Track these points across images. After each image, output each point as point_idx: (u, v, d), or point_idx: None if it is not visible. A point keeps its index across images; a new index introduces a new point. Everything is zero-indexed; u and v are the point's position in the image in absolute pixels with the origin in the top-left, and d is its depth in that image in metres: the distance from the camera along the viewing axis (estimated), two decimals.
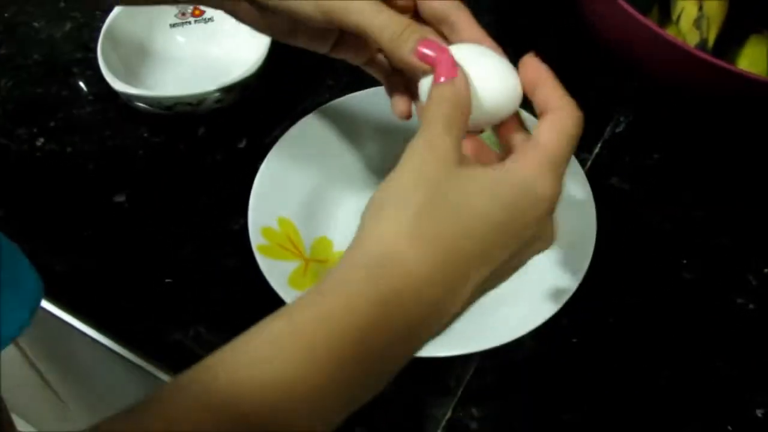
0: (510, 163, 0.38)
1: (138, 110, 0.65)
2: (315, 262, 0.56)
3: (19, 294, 0.48)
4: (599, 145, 0.64)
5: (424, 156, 0.37)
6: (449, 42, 0.44)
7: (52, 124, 0.67)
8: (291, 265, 0.54)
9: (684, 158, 0.64)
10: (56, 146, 0.65)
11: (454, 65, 0.40)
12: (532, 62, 0.41)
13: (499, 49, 0.43)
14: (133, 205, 0.61)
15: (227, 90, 0.63)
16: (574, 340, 0.54)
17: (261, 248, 0.54)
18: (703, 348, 0.54)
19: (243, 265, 0.57)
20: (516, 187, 0.37)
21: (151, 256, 0.59)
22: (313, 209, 0.59)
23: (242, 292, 0.56)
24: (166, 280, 0.57)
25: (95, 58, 0.65)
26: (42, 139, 0.66)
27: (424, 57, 0.41)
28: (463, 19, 0.44)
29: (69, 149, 0.65)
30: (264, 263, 0.53)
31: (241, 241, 0.58)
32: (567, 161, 0.38)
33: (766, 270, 0.58)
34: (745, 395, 0.52)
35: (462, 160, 0.38)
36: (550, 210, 0.38)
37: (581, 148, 0.61)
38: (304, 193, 0.59)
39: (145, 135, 0.66)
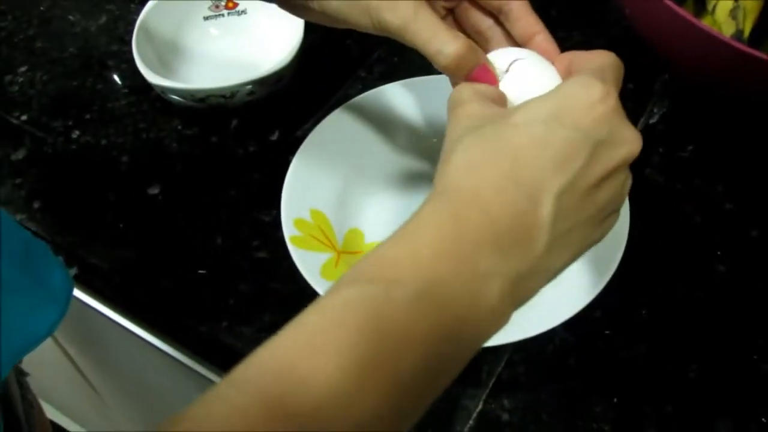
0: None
1: (172, 103, 0.65)
2: (347, 253, 0.56)
3: (49, 294, 0.48)
4: None
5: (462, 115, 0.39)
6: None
7: (87, 116, 0.68)
8: (323, 257, 0.54)
9: (717, 151, 0.63)
10: (91, 139, 0.66)
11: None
12: (563, 56, 0.42)
13: (553, 43, 0.43)
14: (167, 197, 0.62)
15: (259, 83, 0.63)
16: (607, 332, 0.54)
17: (294, 239, 0.54)
18: (737, 340, 0.54)
19: (274, 257, 0.58)
20: (562, 94, 0.37)
21: (184, 248, 0.59)
22: (345, 201, 0.59)
23: (274, 284, 0.57)
24: (200, 272, 0.58)
25: (130, 51, 0.66)
26: (77, 132, 0.67)
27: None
28: (519, 8, 0.44)
29: (104, 141, 0.66)
30: (297, 254, 0.53)
31: (273, 233, 0.59)
32: (613, 80, 0.38)
33: None
34: None
35: None
36: (607, 109, 0.36)
37: None
38: (336, 185, 0.59)
39: (179, 127, 0.66)
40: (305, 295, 0.52)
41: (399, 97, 0.61)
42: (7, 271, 0.45)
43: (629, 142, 0.37)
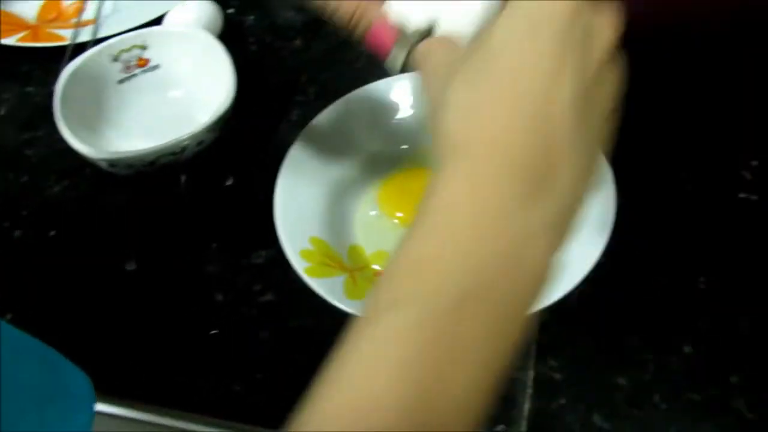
0: None
1: (113, 175, 0.63)
2: (357, 270, 0.56)
3: (72, 401, 0.46)
4: None
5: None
6: None
7: (24, 213, 0.64)
8: (339, 279, 0.54)
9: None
10: (36, 234, 0.63)
11: None
12: None
13: None
14: (146, 269, 0.60)
15: (209, 129, 0.62)
16: (617, 274, 0.56)
17: (309, 271, 0.53)
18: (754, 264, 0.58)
19: (282, 296, 0.57)
20: (520, 5, 0.34)
21: (186, 314, 0.57)
22: (334, 221, 0.59)
23: (293, 321, 0.56)
24: (212, 332, 0.56)
25: (46, 136, 0.63)
26: (19, 232, 0.63)
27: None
28: None
29: (52, 233, 0.63)
30: (317, 284, 0.53)
31: (271, 273, 0.58)
32: None
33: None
34: None
35: None
36: (572, 3, 0.33)
37: None
38: (322, 208, 0.59)
39: (130, 198, 0.64)
40: (326, 324, 0.52)
41: (353, 108, 0.62)
42: (31, 382, 0.43)
43: (609, 24, 0.34)
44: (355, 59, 0.71)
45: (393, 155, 0.63)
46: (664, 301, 0.56)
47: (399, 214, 0.60)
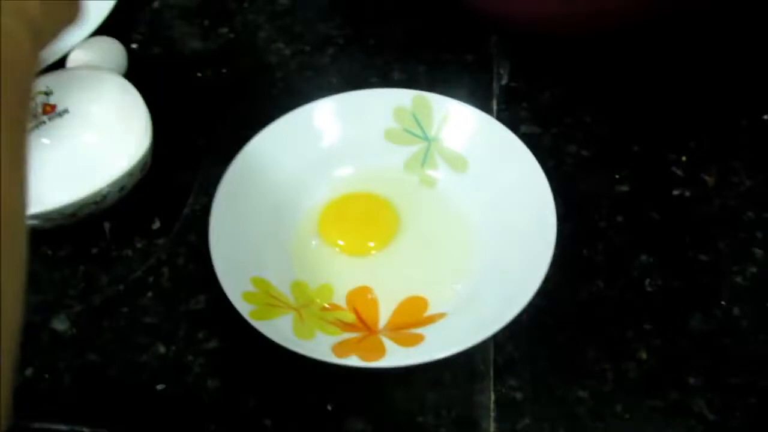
0: None
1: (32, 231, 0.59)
2: (303, 307, 0.54)
3: None
4: (494, 101, 0.66)
5: None
6: None
7: None
8: (287, 319, 0.52)
9: (572, 88, 0.68)
10: None
11: None
12: None
13: None
14: (81, 327, 0.56)
15: (130, 174, 0.59)
16: (566, 285, 0.56)
17: (254, 314, 0.51)
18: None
19: (227, 340, 0.55)
20: None
21: (128, 370, 0.54)
22: (273, 257, 0.57)
23: (238, 368, 0.54)
24: (158, 387, 0.53)
25: None
26: None
27: None
28: None
29: None
30: (263, 327, 0.50)
31: (213, 318, 0.55)
32: None
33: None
34: None
35: None
36: None
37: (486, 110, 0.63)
38: (260, 245, 0.57)
39: (49, 253, 0.60)
40: (276, 365, 0.52)
41: (282, 137, 0.60)
42: None
43: None
44: (271, 85, 0.69)
45: (325, 182, 0.61)
46: (614, 308, 0.56)
47: (340, 242, 0.58)
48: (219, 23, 0.74)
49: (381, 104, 0.61)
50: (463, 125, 0.60)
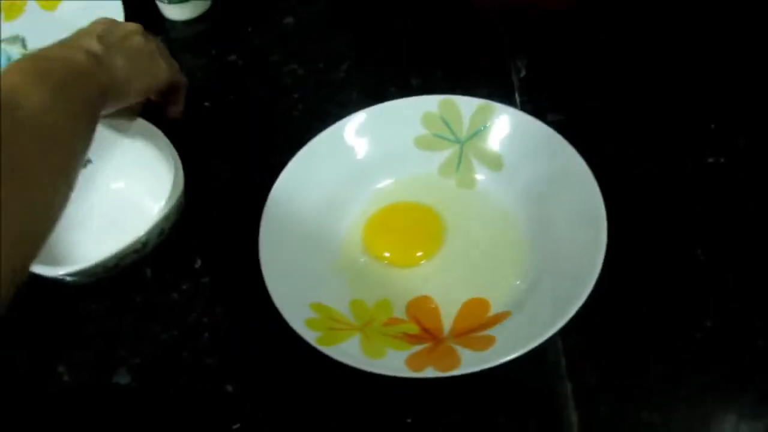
0: None
1: (68, 288, 0.58)
2: (366, 326, 0.54)
3: None
4: (516, 94, 0.66)
5: None
6: None
7: None
8: (354, 341, 0.52)
9: (584, 70, 0.68)
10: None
11: None
12: None
13: None
14: (143, 380, 0.56)
15: (167, 217, 0.58)
16: (620, 268, 0.56)
17: (320, 340, 0.51)
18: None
19: (294, 374, 0.54)
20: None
21: (198, 410, 0.54)
22: (326, 280, 0.57)
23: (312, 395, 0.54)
24: (233, 426, 0.53)
25: None
26: None
27: None
28: None
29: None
30: (333, 352, 0.50)
31: (274, 352, 0.55)
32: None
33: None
34: None
35: None
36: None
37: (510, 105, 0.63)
38: (311, 270, 0.56)
39: (92, 308, 0.60)
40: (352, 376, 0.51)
41: (317, 158, 0.60)
42: None
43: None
44: (291, 107, 0.69)
45: (363, 197, 0.61)
46: (669, 283, 0.56)
47: (386, 254, 0.58)
48: (227, 52, 0.74)
49: (408, 113, 0.61)
50: (494, 123, 0.60)
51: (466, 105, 0.61)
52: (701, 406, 0.51)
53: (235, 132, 0.68)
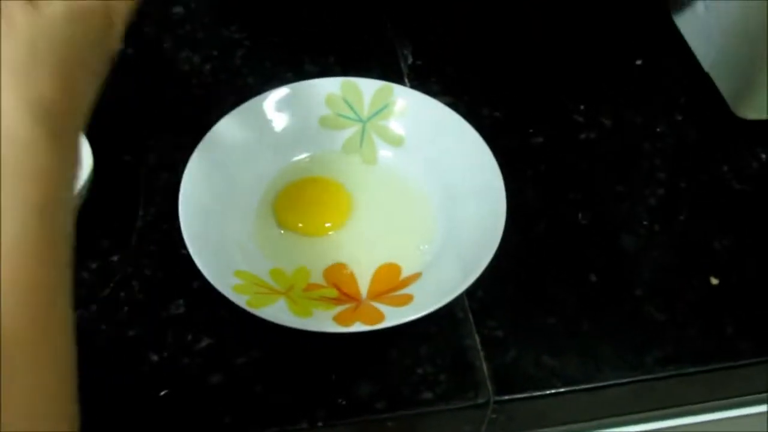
0: None
1: None
2: (289, 291, 0.57)
3: None
4: (406, 79, 0.71)
5: None
6: None
7: None
8: (281, 303, 0.54)
9: (468, 54, 0.74)
10: None
11: None
12: None
13: None
14: None
15: (78, 195, 0.58)
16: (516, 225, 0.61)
17: (250, 303, 0.53)
18: None
19: (218, 340, 0.56)
20: None
21: (122, 381, 0.54)
22: (246, 250, 0.59)
23: (236, 360, 0.55)
24: (162, 393, 0.54)
25: None
26: None
27: None
28: None
29: None
30: (264, 314, 0.52)
31: (197, 320, 0.56)
32: None
33: None
34: None
35: None
36: None
37: None
38: (231, 240, 0.58)
39: None
40: (272, 350, 0.55)
41: (237, 130, 0.62)
42: None
43: None
44: (188, 92, 0.70)
45: (273, 172, 0.63)
46: (558, 243, 0.62)
47: (299, 225, 0.61)
48: None
49: (312, 94, 0.65)
50: (393, 103, 0.65)
51: (367, 86, 0.65)
52: (591, 348, 0.57)
53: (137, 116, 0.68)
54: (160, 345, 0.56)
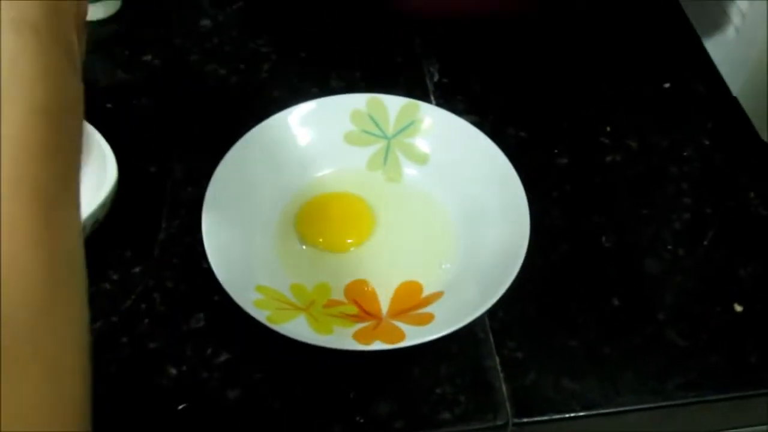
0: None
1: None
2: (309, 307, 0.56)
3: None
4: (432, 97, 0.71)
5: None
6: None
7: None
8: (302, 319, 0.54)
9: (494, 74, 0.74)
10: None
11: None
12: None
13: None
14: None
15: (103, 205, 0.58)
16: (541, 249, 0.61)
17: (270, 319, 0.53)
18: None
19: (236, 355, 0.56)
20: None
21: (141, 394, 0.54)
22: (267, 265, 0.59)
23: (254, 376, 0.55)
24: (180, 407, 0.54)
25: None
26: None
27: None
28: None
29: None
30: (284, 330, 0.52)
31: (217, 334, 0.56)
32: None
33: None
34: None
35: None
36: None
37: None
38: (252, 255, 0.58)
39: None
40: (290, 367, 0.55)
41: (256, 147, 0.62)
42: None
43: None
44: (215, 107, 0.71)
45: (295, 188, 0.63)
46: (581, 265, 0.62)
47: (320, 240, 0.61)
48: (141, 52, 0.75)
49: (337, 110, 0.65)
50: (419, 120, 0.65)
51: (392, 103, 0.65)
52: (612, 373, 0.57)
53: (163, 127, 0.69)
54: (180, 358, 0.56)
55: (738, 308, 0.60)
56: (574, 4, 0.73)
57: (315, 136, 0.64)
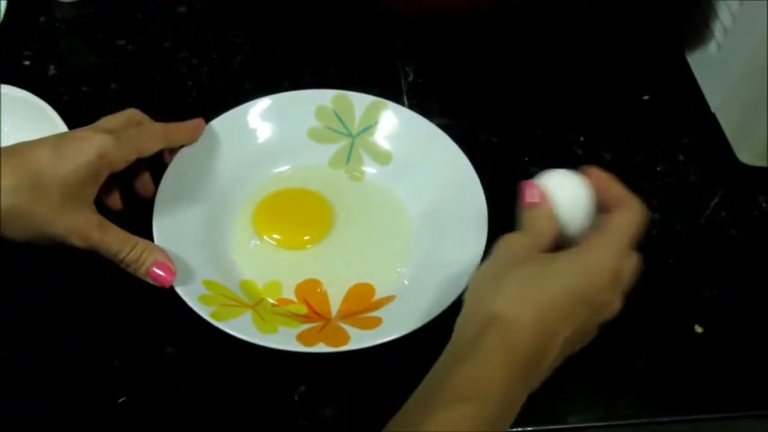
0: (584, 245, 0.47)
1: None
2: (257, 305, 0.55)
3: None
4: (405, 97, 0.70)
5: (510, 248, 0.48)
6: None
7: None
8: (246, 317, 0.53)
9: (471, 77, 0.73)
10: None
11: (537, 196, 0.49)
12: (596, 171, 0.50)
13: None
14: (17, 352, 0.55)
15: None
16: None
17: (214, 315, 0.52)
18: None
19: (185, 350, 0.55)
20: (587, 264, 0.46)
21: (85, 384, 0.53)
22: (218, 260, 0.58)
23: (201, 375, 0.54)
24: (119, 400, 0.53)
25: None
26: None
27: (157, 277, 0.52)
28: None
29: None
30: (227, 327, 0.51)
31: (166, 327, 0.55)
32: (632, 242, 0.48)
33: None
34: None
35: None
36: (614, 280, 0.46)
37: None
38: (204, 249, 0.57)
39: None
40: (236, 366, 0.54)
41: (216, 139, 0.62)
42: None
43: (614, 309, 0.47)
44: (185, 95, 0.70)
45: (255, 182, 0.62)
46: None
47: (276, 236, 0.60)
48: (116, 36, 0.74)
49: (303, 105, 0.64)
50: (384, 120, 0.63)
51: (359, 101, 0.64)
52: (565, 389, 0.55)
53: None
54: (126, 352, 0.55)
55: (698, 329, 0.58)
56: (559, 10, 0.72)
57: (278, 130, 0.63)
